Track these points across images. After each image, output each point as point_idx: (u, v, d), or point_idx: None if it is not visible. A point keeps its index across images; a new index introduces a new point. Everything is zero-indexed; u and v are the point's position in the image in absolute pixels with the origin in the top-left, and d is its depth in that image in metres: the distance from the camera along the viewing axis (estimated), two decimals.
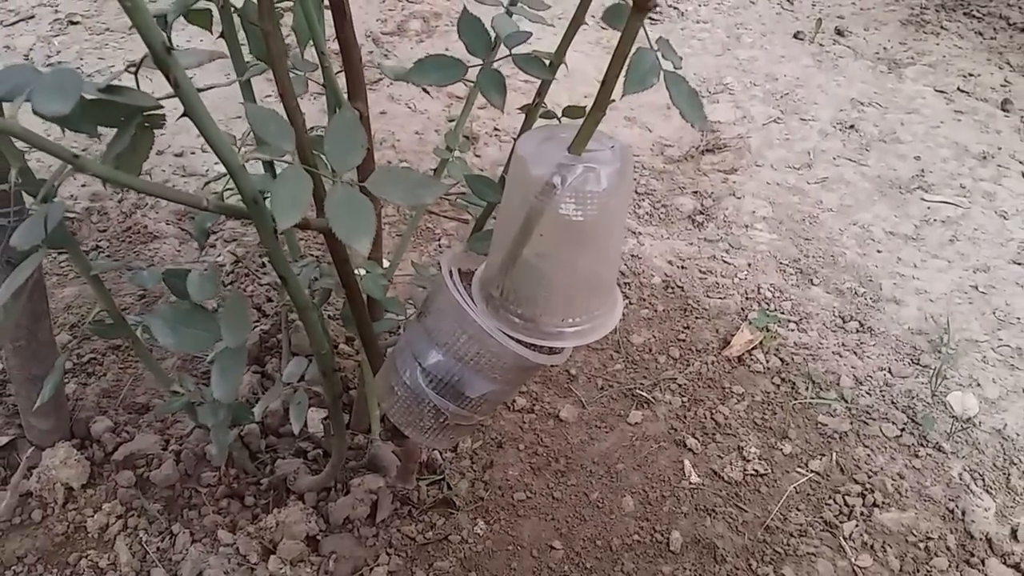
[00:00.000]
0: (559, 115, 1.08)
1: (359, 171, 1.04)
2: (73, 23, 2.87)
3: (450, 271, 0.97)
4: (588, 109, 0.80)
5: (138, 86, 0.85)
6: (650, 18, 3.10)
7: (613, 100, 0.78)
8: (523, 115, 1.11)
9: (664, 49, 0.79)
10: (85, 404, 1.62)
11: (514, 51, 0.96)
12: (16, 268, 0.93)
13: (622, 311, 0.95)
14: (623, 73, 0.77)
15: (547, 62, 0.98)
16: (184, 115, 0.78)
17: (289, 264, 1.00)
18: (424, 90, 2.49)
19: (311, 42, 1.17)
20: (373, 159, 1.18)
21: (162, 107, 0.89)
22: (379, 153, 2.32)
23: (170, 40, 1.16)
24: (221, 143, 0.82)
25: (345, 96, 1.18)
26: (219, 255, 1.96)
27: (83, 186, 2.18)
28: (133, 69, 0.88)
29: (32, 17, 2.90)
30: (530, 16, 1.16)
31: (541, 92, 1.05)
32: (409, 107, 2.57)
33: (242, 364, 0.96)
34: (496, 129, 2.48)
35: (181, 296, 1.15)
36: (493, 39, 1.03)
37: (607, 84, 0.76)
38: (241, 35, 1.24)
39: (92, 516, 1.44)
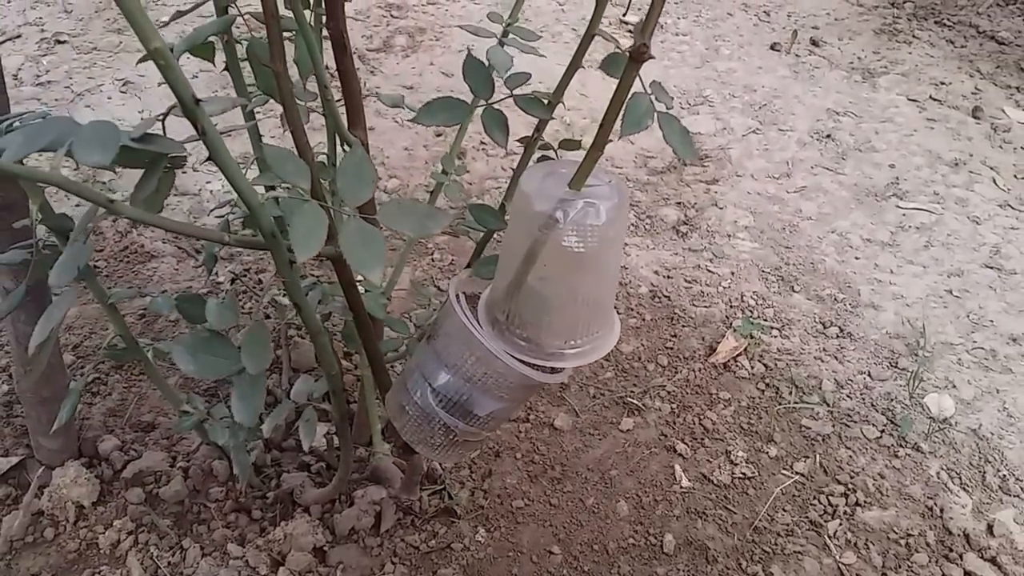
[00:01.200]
0: (555, 147, 1.13)
1: None
2: (60, 42, 2.89)
3: (457, 296, 1.03)
4: (587, 150, 0.86)
5: (164, 131, 0.90)
6: (630, 31, 3.17)
7: (611, 140, 0.85)
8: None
9: (657, 92, 0.86)
10: (92, 424, 1.66)
11: (515, 92, 1.02)
12: (50, 307, 0.98)
13: (619, 332, 1.01)
14: (620, 115, 0.83)
15: (546, 101, 1.04)
16: (209, 159, 0.83)
17: (303, 292, 1.06)
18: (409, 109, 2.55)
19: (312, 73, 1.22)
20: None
21: (186, 150, 0.94)
22: None
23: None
24: (244, 185, 0.87)
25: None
26: (217, 274, 2.01)
27: (76, 206, 2.21)
28: (161, 117, 0.93)
29: (19, 36, 2.91)
30: (522, 47, 1.23)
31: (539, 128, 1.11)
32: (396, 122, 2.63)
33: (262, 388, 1.02)
34: (483, 143, 2.54)
35: (193, 321, 1.20)
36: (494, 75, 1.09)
37: (605, 127, 0.82)
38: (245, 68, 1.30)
39: (103, 533, 1.48)
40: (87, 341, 1.81)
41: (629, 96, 0.81)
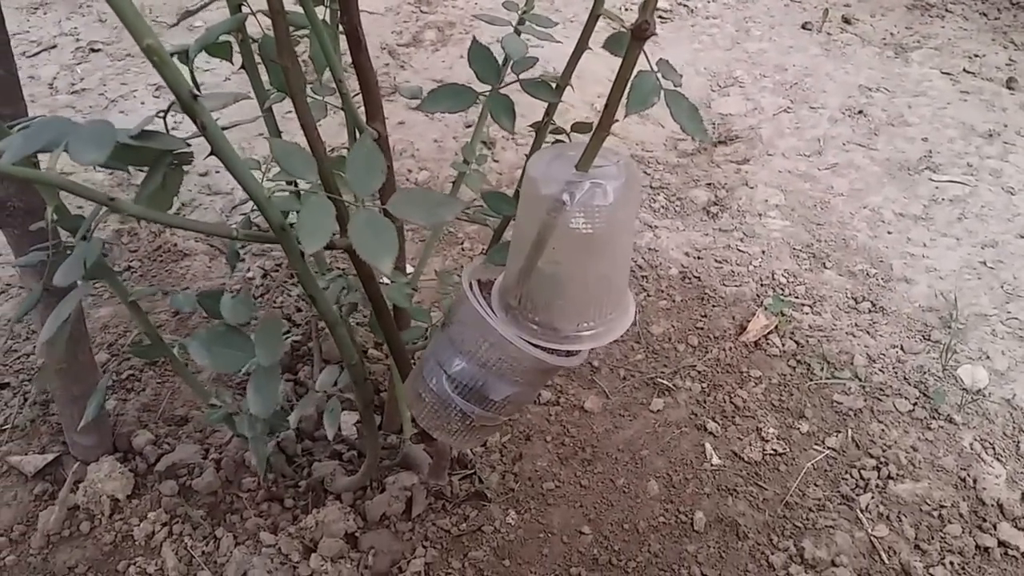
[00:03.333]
0: (568, 130, 1.14)
1: (380, 190, 1.11)
2: (95, 51, 2.95)
3: (470, 283, 1.03)
4: (593, 129, 0.86)
5: (167, 129, 0.92)
6: (660, 16, 3.16)
7: (616, 120, 0.84)
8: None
9: (664, 70, 0.85)
10: (126, 419, 1.69)
11: (522, 76, 1.02)
12: (59, 304, 1.01)
13: (635, 313, 1.01)
14: (625, 95, 0.83)
15: (554, 85, 1.04)
16: (212, 154, 0.85)
17: (317, 283, 1.07)
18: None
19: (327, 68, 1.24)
20: (393, 177, 1.25)
21: (190, 147, 0.96)
22: (399, 163, 2.40)
23: (195, 80, 1.24)
24: (248, 179, 0.89)
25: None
26: (248, 270, 2.04)
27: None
28: (162, 115, 0.95)
29: (55, 47, 2.98)
30: (538, 34, 1.23)
31: (549, 112, 1.12)
32: (427, 116, 2.65)
33: (276, 380, 1.03)
34: (513, 132, 2.55)
35: (215, 316, 1.23)
36: (502, 61, 1.09)
37: (610, 107, 0.81)
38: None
39: (138, 525, 1.50)
40: (121, 340, 1.85)
41: (635, 74, 0.81)
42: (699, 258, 2.13)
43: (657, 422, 1.74)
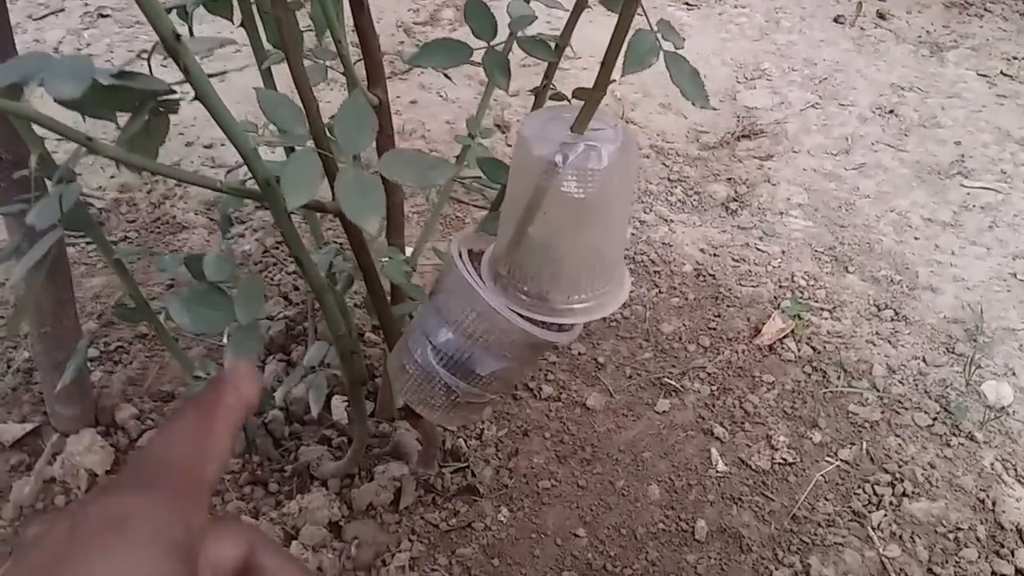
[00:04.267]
0: (569, 97, 1.07)
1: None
2: (103, 16, 2.89)
3: (459, 250, 0.97)
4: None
5: (151, 71, 0.85)
6: (687, 3, 3.07)
7: (614, 80, 0.79)
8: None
9: (665, 30, 0.79)
10: (111, 392, 1.63)
11: (519, 35, 0.95)
12: (32, 248, 0.95)
13: (629, 289, 0.95)
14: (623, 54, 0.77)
15: (553, 44, 0.97)
16: (196, 99, 0.78)
17: (303, 245, 1.01)
18: (446, 75, 2.51)
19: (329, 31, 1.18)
20: (395, 147, 1.18)
21: (175, 92, 0.90)
22: (408, 143, 2.33)
23: (191, 29, 1.18)
24: (234, 128, 0.83)
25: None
26: (247, 245, 1.97)
27: (112, 177, 2.20)
28: (146, 56, 0.89)
29: (62, 10, 2.91)
30: (546, 1, 1.16)
31: (548, 74, 1.05)
32: (440, 96, 2.57)
33: (256, 344, 0.97)
34: (508, 91, 2.46)
35: (201, 279, 1.16)
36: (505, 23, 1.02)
37: (606, 65, 0.77)
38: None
39: None
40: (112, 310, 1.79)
41: (633, 33, 0.74)
42: (715, 255, 2.05)
43: (662, 424, 1.66)
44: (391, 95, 1.19)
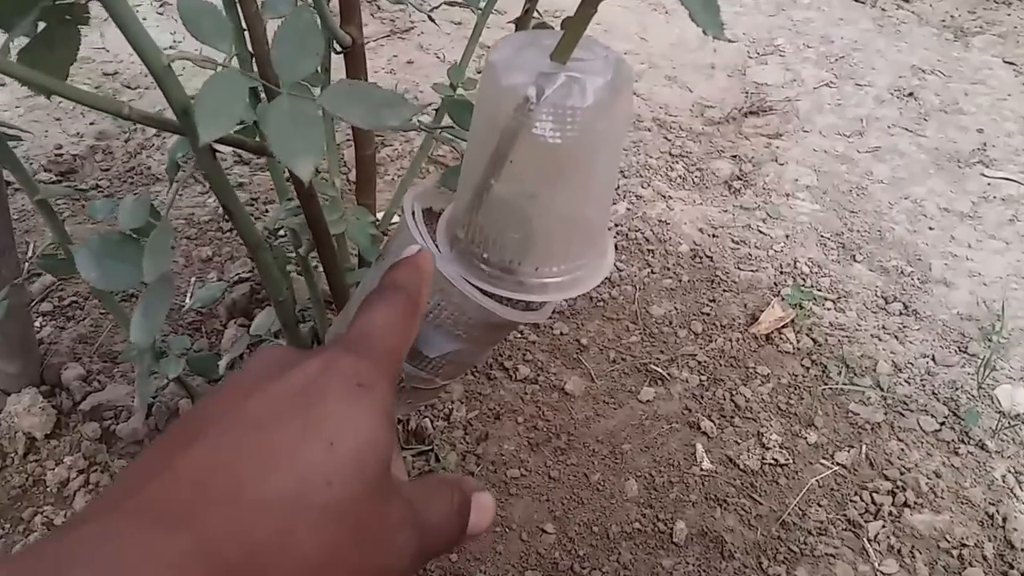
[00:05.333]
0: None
1: None
2: None
3: (413, 208, 0.82)
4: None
5: None
6: None
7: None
8: None
9: None
10: (59, 349, 1.51)
11: None
12: None
13: (613, 263, 0.79)
14: None
15: None
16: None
17: (232, 190, 0.87)
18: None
19: None
20: None
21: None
22: None
23: None
24: (141, 39, 0.69)
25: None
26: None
27: (91, 124, 2.09)
28: None
29: None
30: None
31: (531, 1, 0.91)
32: (438, 57, 2.43)
33: (164, 303, 0.83)
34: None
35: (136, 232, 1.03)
36: None
37: None
38: None
39: (53, 469, 1.33)
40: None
41: None
42: (714, 236, 1.91)
43: (645, 414, 1.53)
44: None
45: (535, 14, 0.96)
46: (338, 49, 1.06)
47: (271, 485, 0.35)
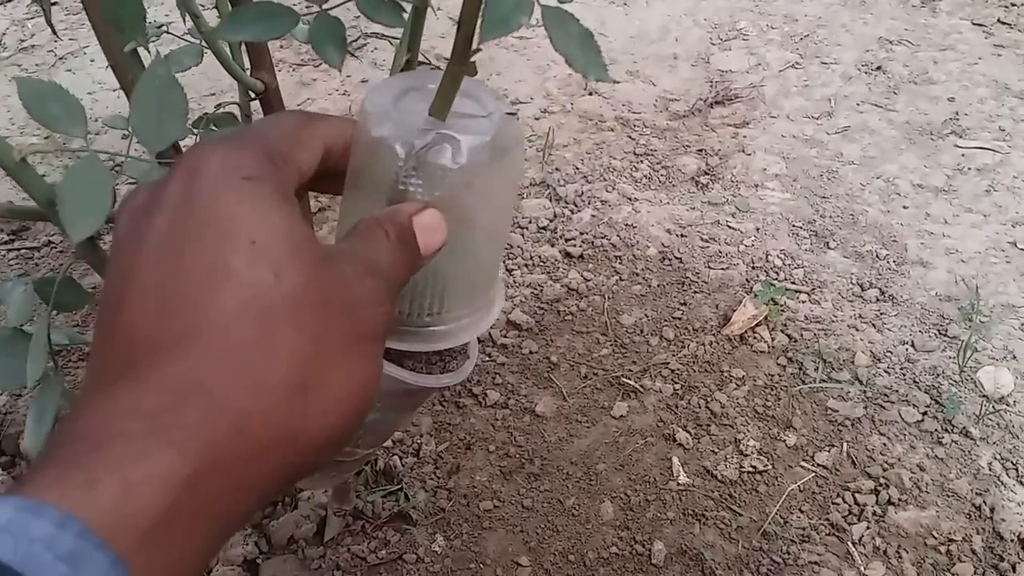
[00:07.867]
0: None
1: None
2: (53, 3, 2.74)
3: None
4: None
5: None
6: None
7: (479, 49, 0.57)
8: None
9: None
10: (15, 419, 1.49)
11: None
12: None
13: (498, 314, 0.74)
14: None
15: (408, 5, 0.77)
16: None
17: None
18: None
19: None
20: None
21: None
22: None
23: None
24: None
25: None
26: None
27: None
28: None
29: (9, 1, 2.80)
30: None
31: (412, 46, 0.85)
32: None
33: (54, 405, 0.78)
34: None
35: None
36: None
37: (463, 28, 0.54)
38: None
39: None
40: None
41: None
42: (682, 236, 1.87)
43: (619, 430, 1.49)
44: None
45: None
46: (252, 95, 1.02)
47: (227, 310, 0.35)
